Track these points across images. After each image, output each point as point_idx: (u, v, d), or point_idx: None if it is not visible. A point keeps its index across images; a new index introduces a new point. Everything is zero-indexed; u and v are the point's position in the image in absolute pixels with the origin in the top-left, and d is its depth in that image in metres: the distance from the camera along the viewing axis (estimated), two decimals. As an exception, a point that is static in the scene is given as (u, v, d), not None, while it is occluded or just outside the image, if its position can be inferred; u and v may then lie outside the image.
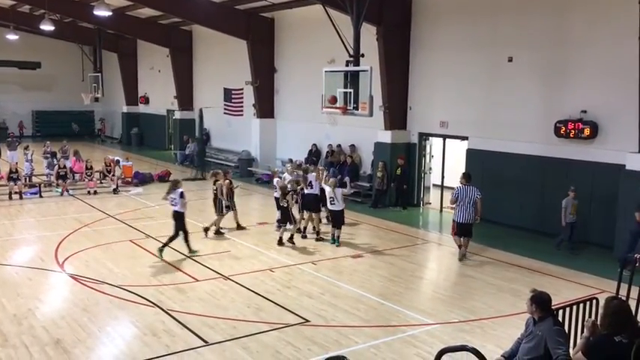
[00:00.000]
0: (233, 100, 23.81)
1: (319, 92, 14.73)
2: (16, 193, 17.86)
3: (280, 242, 12.90)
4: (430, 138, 17.63)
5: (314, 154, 21.01)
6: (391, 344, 7.94)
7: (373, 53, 16.30)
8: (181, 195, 12.04)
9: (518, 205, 14.56)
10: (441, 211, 17.02)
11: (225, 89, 23.74)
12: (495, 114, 15.15)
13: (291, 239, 12.99)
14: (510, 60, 14.68)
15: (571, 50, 13.45)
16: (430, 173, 17.99)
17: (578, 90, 13.36)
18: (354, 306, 9.38)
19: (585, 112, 13.08)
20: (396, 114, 17.42)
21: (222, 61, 25.98)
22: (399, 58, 17.22)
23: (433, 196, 17.91)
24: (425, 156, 17.73)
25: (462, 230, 11.99)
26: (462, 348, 3.93)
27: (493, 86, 15.21)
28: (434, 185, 18.20)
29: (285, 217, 12.99)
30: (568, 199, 12.60)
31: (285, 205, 12.92)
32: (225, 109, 23.84)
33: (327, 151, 20.33)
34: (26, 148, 21.08)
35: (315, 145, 20.98)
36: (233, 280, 10.54)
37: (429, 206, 17.68)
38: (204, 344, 7.86)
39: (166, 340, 8.00)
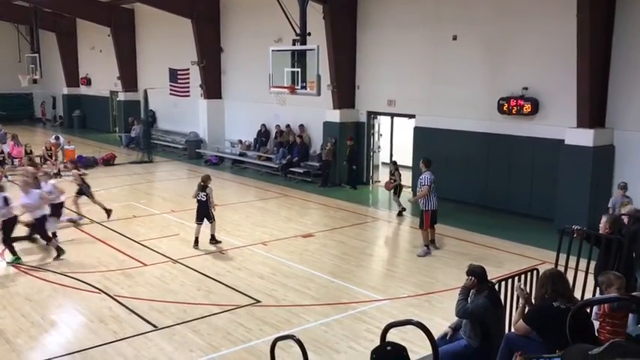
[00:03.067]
0: (179, 81, 23.31)
1: (267, 72, 14.57)
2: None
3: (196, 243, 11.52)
4: (378, 117, 17.76)
5: (263, 135, 20.87)
6: (342, 321, 8.04)
7: (320, 32, 16.22)
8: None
9: (464, 181, 14.89)
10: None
11: (170, 69, 23.21)
12: (441, 92, 15.36)
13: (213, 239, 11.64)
14: (455, 38, 14.87)
15: (513, 28, 13.73)
16: (379, 152, 18.16)
17: (519, 67, 13.67)
18: (305, 285, 9.43)
19: (527, 88, 13.42)
20: (344, 93, 17.45)
21: (166, 40, 25.32)
22: (346, 36, 17.19)
23: (382, 174, 18.10)
24: (373, 134, 17.85)
25: (435, 218, 11.34)
26: (408, 322, 4.00)
27: (439, 64, 15.39)
28: (383, 163, 18.39)
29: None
30: (616, 198, 10.76)
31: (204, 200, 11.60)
32: (170, 90, 23.32)
33: (276, 132, 20.22)
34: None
35: (264, 125, 20.83)
36: (182, 264, 10.42)
37: (379, 184, 17.87)
38: (154, 329, 7.76)
39: (114, 326, 7.85)
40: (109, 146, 25.10)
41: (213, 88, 22.73)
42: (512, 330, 5.28)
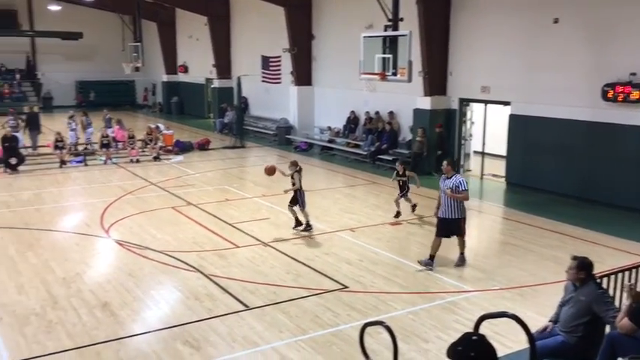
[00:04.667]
0: (271, 68, 23.77)
1: (357, 58, 14.54)
2: (62, 161, 18.40)
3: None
4: (471, 104, 17.27)
5: (352, 122, 20.90)
6: (430, 311, 7.95)
7: (412, 17, 15.95)
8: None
9: (561, 172, 14.21)
10: (482, 178, 16.79)
11: (262, 57, 23.70)
12: (540, 78, 14.69)
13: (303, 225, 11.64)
14: (556, 21, 14.14)
15: (620, 10, 12.86)
16: (471, 140, 17.68)
17: (627, 52, 12.80)
18: (392, 272, 9.40)
19: (635, 74, 12.55)
20: (436, 79, 17.09)
21: (259, 28, 25.86)
22: (439, 21, 16.81)
23: (474, 163, 17.64)
24: (465, 122, 17.40)
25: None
26: (503, 314, 3.88)
27: (538, 49, 14.70)
28: (474, 152, 17.90)
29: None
30: None
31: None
32: (263, 76, 23.83)
33: (365, 118, 20.17)
34: (71, 117, 21.52)
35: (353, 112, 20.84)
36: (272, 247, 10.67)
37: (469, 173, 17.43)
38: (246, 308, 8.02)
39: (208, 304, 8.19)
40: (203, 131, 26.12)
41: (303, 75, 22.98)
42: (616, 329, 5.01)
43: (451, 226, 9.52)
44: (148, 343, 7.09)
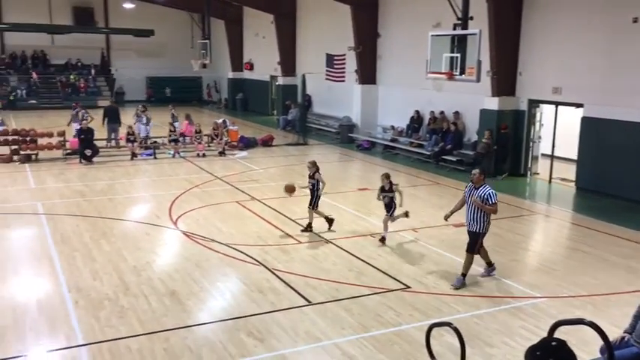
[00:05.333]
0: (335, 66, 23.88)
1: (423, 57, 14.41)
2: (133, 154, 19.11)
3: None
4: (541, 105, 16.78)
5: (416, 121, 20.70)
6: (495, 315, 7.80)
7: (482, 15, 15.64)
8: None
9: (636, 177, 13.60)
10: (550, 181, 16.30)
11: (327, 55, 23.83)
12: (616, 80, 14.10)
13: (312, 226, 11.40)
14: (635, 21, 13.54)
15: None
16: (539, 142, 17.18)
17: None
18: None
19: None
20: (505, 79, 16.70)
21: (325, 26, 25.99)
22: (510, 20, 16.40)
23: (542, 166, 17.15)
24: (534, 124, 16.92)
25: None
26: (580, 321, 3.75)
27: (615, 50, 14.12)
28: (542, 155, 17.40)
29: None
30: None
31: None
32: (327, 74, 23.97)
33: (430, 118, 19.94)
34: (143, 111, 22.26)
35: (417, 111, 20.64)
36: (334, 244, 10.73)
37: (537, 176, 16.95)
38: (308, 304, 8.11)
39: (272, 297, 8.33)
40: (267, 128, 26.49)
41: (368, 74, 22.94)
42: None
43: (469, 239, 8.76)
44: (213, 332, 7.29)
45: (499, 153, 16.67)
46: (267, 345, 6.93)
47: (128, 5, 34.17)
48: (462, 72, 13.26)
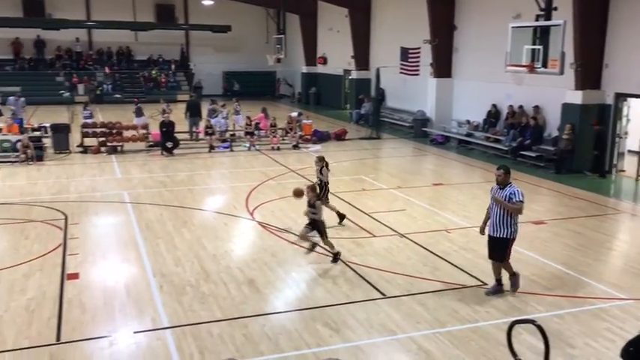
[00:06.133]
0: (409, 60, 23.59)
1: (502, 50, 14.03)
2: (211, 146, 19.71)
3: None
4: (628, 99, 15.97)
5: (493, 115, 20.20)
6: (577, 316, 7.55)
7: (566, 6, 15.03)
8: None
9: None
10: (637, 179, 15.51)
11: (402, 48, 23.57)
12: None
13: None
14: None
15: None
16: (626, 138, 16.37)
17: None
18: (535, 273, 9.03)
19: None
20: (589, 72, 15.98)
21: (399, 20, 25.77)
22: (596, 10, 15.67)
23: (628, 163, 16.34)
24: (621, 119, 16.13)
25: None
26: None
27: None
28: (629, 151, 16.57)
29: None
30: None
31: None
32: (401, 68, 23.72)
33: (508, 112, 19.40)
34: (222, 106, 22.87)
35: (494, 105, 20.13)
36: (409, 239, 10.68)
37: (623, 174, 16.17)
38: (383, 297, 8.14)
39: (346, 289, 8.41)
40: (340, 122, 26.60)
41: (443, 67, 22.56)
42: None
43: (495, 246, 8.11)
44: (290, 320, 7.45)
45: (594, 151, 16.02)
46: (343, 335, 7.02)
47: (207, 2, 35.15)
48: (544, 64, 12.83)
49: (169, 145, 18.83)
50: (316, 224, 9.42)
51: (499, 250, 8.10)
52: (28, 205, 12.65)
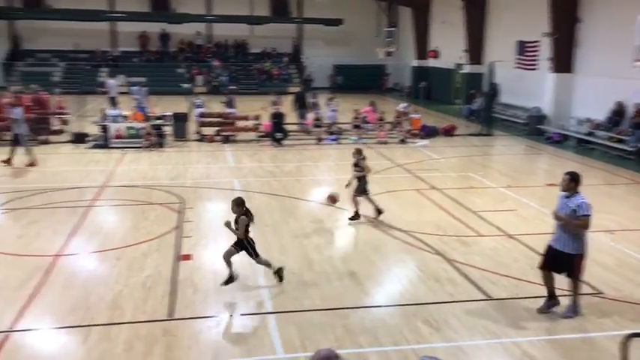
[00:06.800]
0: (527, 54, 22.61)
1: (629, 43, 13.05)
2: (319, 138, 20.04)
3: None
4: None
5: (617, 114, 18.88)
6: None
7: None
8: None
9: None
10: None
11: (518, 42, 22.65)
12: None
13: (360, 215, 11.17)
14: None
15: None
16: None
17: None
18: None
19: None
20: None
21: (517, 12, 24.69)
22: None
23: None
24: None
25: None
26: None
27: None
28: None
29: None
30: None
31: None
32: (517, 62, 22.81)
33: (635, 111, 18.03)
34: (330, 99, 23.15)
35: (619, 103, 18.79)
36: (517, 240, 10.29)
37: None
38: (486, 298, 7.92)
39: (449, 288, 8.27)
40: (450, 117, 26.04)
41: (563, 62, 21.38)
42: None
43: (562, 261, 7.30)
44: (390, 315, 7.45)
45: None
46: (443, 335, 6.92)
47: (320, -4, 35.69)
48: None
49: (279, 136, 19.37)
50: (242, 244, 8.12)
51: (568, 266, 7.32)
52: (149, 188, 13.55)
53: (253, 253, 8.16)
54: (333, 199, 11.45)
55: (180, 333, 6.94)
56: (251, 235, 8.11)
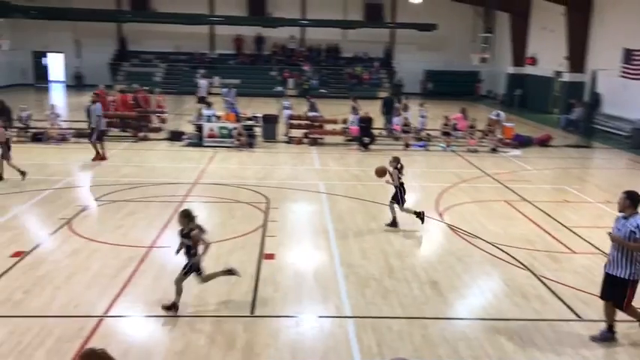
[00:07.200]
0: (634, 62, 21.32)
1: None
2: (407, 144, 19.83)
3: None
4: None
5: None
6: None
7: None
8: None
9: None
10: None
11: (625, 49, 21.37)
12: None
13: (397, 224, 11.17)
14: None
15: None
16: None
17: None
18: None
19: None
20: None
21: (625, 19, 23.29)
22: None
23: None
24: None
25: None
26: None
27: None
28: None
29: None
30: None
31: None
32: (622, 71, 21.52)
33: None
34: (421, 104, 22.83)
35: None
36: (614, 259, 9.67)
37: None
38: (577, 319, 7.52)
39: (536, 305, 7.91)
40: (545, 127, 24.96)
41: (675, 71, 19.95)
42: None
43: (613, 287, 6.79)
44: (472, 329, 7.23)
45: None
46: (529, 354, 6.63)
47: (415, 0, 35.31)
48: None
49: (366, 140, 19.35)
50: (195, 262, 7.39)
51: (617, 291, 6.80)
52: (237, 187, 13.95)
53: (201, 273, 7.51)
54: (381, 172, 11.26)
55: (260, 330, 7.08)
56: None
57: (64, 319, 7.20)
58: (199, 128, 19.39)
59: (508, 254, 9.81)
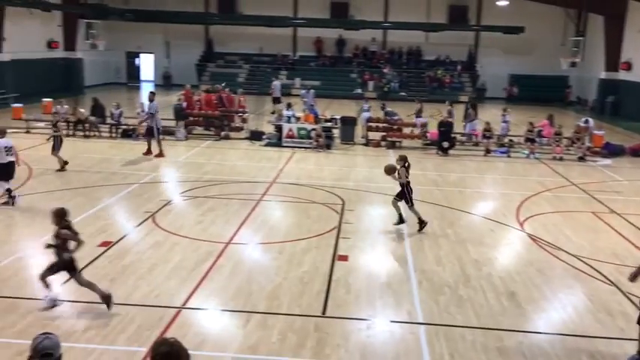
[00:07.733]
0: None
1: None
2: (488, 150, 19.30)
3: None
4: None
5: None
6: None
7: None
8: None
9: None
10: None
11: None
12: None
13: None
14: None
15: None
16: None
17: None
18: None
19: None
20: None
21: None
22: None
23: None
24: None
25: None
26: None
27: None
28: None
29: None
30: None
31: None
32: None
33: None
34: (504, 109, 22.11)
35: None
36: None
37: None
38: (668, 341, 7.02)
39: (621, 323, 7.49)
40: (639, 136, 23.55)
41: None
42: None
43: None
44: (551, 344, 6.93)
45: None
46: (611, 374, 6.28)
47: (502, 3, 34.32)
48: None
49: (445, 145, 19.00)
50: (63, 260, 7.10)
51: None
52: (313, 187, 14.07)
53: (77, 272, 7.29)
54: (390, 170, 11.06)
55: (331, 331, 7.10)
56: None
57: (145, 307, 7.52)
58: (279, 128, 19.72)
59: (593, 268, 9.34)
